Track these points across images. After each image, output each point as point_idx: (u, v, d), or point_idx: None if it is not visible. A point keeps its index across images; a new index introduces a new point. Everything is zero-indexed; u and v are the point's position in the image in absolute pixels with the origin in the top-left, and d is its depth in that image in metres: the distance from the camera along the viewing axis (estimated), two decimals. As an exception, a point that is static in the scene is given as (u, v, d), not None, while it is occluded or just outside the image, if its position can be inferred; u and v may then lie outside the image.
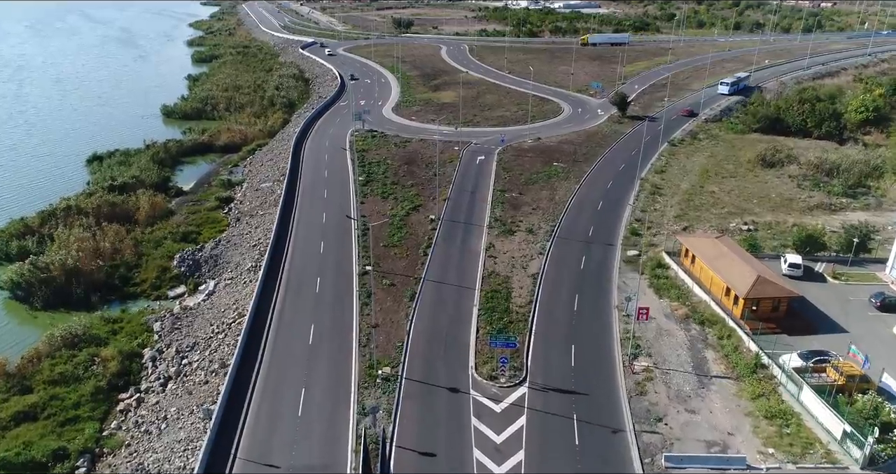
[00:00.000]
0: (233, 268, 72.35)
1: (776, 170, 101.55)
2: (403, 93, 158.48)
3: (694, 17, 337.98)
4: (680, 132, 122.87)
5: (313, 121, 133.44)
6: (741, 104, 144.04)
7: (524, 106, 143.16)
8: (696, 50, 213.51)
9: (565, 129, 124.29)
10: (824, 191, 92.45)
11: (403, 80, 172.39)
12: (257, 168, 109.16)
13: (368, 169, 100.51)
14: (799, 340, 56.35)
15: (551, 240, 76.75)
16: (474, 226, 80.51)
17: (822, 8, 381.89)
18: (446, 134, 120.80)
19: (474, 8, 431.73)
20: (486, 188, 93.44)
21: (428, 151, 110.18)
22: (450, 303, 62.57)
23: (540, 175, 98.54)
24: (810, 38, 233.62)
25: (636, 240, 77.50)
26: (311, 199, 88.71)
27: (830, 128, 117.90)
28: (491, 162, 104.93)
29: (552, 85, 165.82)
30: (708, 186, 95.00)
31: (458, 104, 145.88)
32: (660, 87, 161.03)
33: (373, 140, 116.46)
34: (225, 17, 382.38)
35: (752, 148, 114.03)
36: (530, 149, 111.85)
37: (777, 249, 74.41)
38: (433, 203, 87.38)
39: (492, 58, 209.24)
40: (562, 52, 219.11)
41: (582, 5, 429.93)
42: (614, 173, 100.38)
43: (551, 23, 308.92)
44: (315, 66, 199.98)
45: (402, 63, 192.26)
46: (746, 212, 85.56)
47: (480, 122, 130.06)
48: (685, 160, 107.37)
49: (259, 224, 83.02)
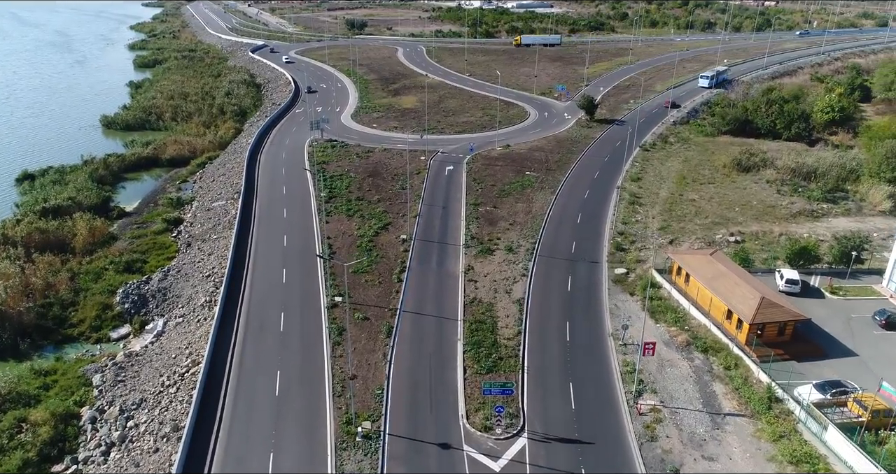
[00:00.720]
0: (184, 304, 64.72)
1: (753, 175, 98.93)
2: (362, 98, 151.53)
3: (647, 17, 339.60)
4: (650, 136, 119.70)
5: (268, 130, 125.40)
6: (706, 105, 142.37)
7: (489, 111, 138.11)
8: (654, 50, 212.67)
9: (534, 135, 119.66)
10: (804, 196, 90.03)
11: (361, 84, 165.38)
12: (208, 184, 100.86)
13: (330, 183, 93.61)
14: (809, 367, 52.45)
15: (533, 259, 71.58)
16: (450, 245, 74.72)
17: (766, 6, 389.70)
18: (411, 142, 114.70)
19: (427, 8, 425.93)
20: (458, 202, 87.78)
21: (393, 162, 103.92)
22: (431, 338, 56.63)
23: (513, 185, 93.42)
24: (767, 37, 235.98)
25: (622, 256, 73.01)
26: (270, 220, 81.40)
27: (800, 130, 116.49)
28: (461, 172, 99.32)
29: (515, 87, 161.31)
30: (687, 194, 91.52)
31: (420, 109, 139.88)
32: (624, 89, 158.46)
33: (333, 150, 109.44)
34: (168, 18, 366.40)
35: (724, 151, 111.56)
36: (500, 157, 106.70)
37: (768, 262, 71.02)
38: (403, 220, 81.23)
39: (450, 60, 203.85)
40: (521, 53, 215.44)
41: (535, 5, 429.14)
42: (590, 181, 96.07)
43: (507, 23, 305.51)
44: (266, 70, 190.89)
45: (358, 66, 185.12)
46: (730, 221, 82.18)
47: (445, 129, 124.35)
48: (660, 166, 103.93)
49: (212, 250, 75.34)
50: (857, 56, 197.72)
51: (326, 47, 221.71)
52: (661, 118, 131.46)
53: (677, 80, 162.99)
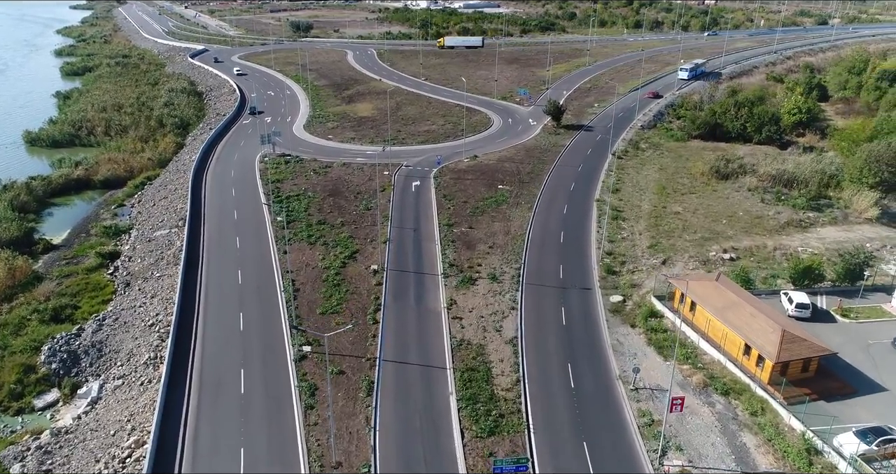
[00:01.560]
0: (124, 361, 55.40)
1: (732, 183, 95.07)
2: (314, 106, 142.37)
3: (595, 16, 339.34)
4: (621, 142, 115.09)
5: (213, 144, 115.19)
6: (671, 107, 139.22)
7: (451, 118, 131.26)
8: (610, 51, 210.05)
9: (501, 145, 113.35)
10: (788, 204, 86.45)
11: (311, 91, 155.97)
12: (148, 209, 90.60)
13: (287, 205, 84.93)
14: (841, 408, 47.48)
15: (520, 288, 65.00)
16: (427, 275, 67.41)
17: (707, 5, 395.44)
18: (370, 155, 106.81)
19: (374, 9, 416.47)
20: (429, 222, 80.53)
21: (354, 178, 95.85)
22: (419, 393, 49.29)
23: (487, 202, 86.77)
24: (721, 36, 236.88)
25: (614, 280, 67.22)
26: (221, 252, 72.33)
27: (771, 133, 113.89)
28: (429, 188, 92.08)
29: (475, 92, 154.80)
30: (670, 206, 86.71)
31: (377, 118, 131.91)
32: (585, 91, 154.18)
33: (287, 167, 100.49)
34: (99, 22, 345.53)
35: (698, 157, 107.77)
36: (469, 169, 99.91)
37: (768, 282, 66.44)
38: (372, 246, 73.48)
39: (404, 63, 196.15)
40: (475, 55, 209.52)
41: (483, 5, 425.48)
42: (567, 195, 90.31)
43: (456, 24, 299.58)
44: (208, 77, 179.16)
45: (307, 71, 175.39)
46: (720, 235, 77.57)
47: (407, 140, 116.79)
48: (636, 175, 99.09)
49: (156, 291, 65.90)
50: (807, 55, 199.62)
51: (272, 51, 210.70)
52: (629, 122, 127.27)
53: (636, 83, 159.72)
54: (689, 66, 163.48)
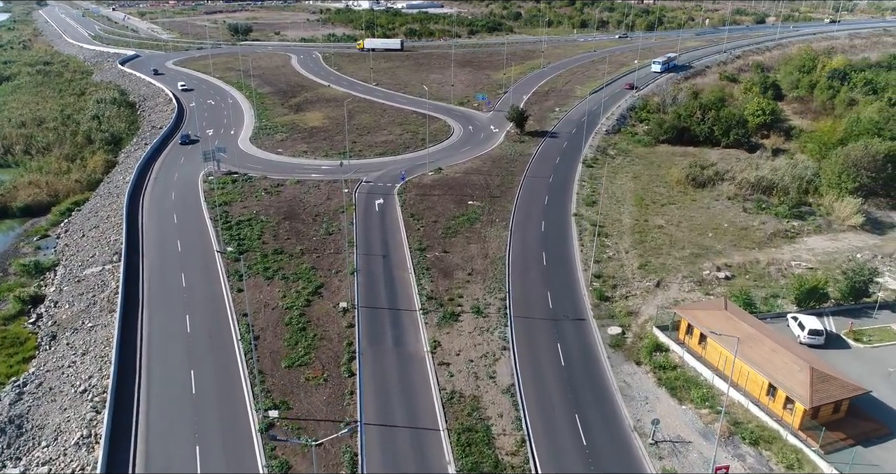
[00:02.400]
0: (50, 440, 46.08)
1: (710, 191, 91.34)
2: (259, 116, 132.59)
3: (541, 16, 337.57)
4: (588, 149, 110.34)
5: (150, 162, 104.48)
6: (632, 109, 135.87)
7: (408, 126, 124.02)
8: (562, 52, 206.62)
9: (465, 155, 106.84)
10: (771, 213, 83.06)
11: (256, 99, 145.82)
12: (77, 241, 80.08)
13: (238, 232, 76.13)
14: (880, 454, 42.92)
15: (509, 322, 58.62)
16: (403, 311, 60.21)
17: (646, 4, 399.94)
18: (326, 170, 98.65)
19: (314, 10, 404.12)
20: (399, 247, 73.29)
21: (310, 197, 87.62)
22: (411, 466, 42.10)
23: (459, 221, 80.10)
24: (667, 36, 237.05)
25: (608, 308, 61.66)
26: (165, 293, 63.22)
27: (738, 136, 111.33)
28: (393, 206, 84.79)
29: (430, 97, 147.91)
30: (652, 218, 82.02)
31: (329, 128, 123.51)
32: (544, 95, 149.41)
33: (235, 186, 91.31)
34: (17, 25, 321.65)
35: (669, 163, 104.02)
36: (435, 184, 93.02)
37: (769, 302, 62.16)
38: (338, 279, 65.74)
39: (351, 67, 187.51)
40: (425, 58, 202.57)
41: (426, 5, 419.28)
42: (542, 210, 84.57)
43: (402, 25, 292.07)
44: (141, 85, 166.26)
45: (249, 77, 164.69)
46: (709, 251, 73.15)
47: (364, 152, 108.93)
48: (610, 185, 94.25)
49: (89, 346, 56.43)
50: (755, 53, 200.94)
51: (210, 56, 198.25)
52: (593, 127, 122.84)
53: (595, 85, 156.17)
54: (662, 60, 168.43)
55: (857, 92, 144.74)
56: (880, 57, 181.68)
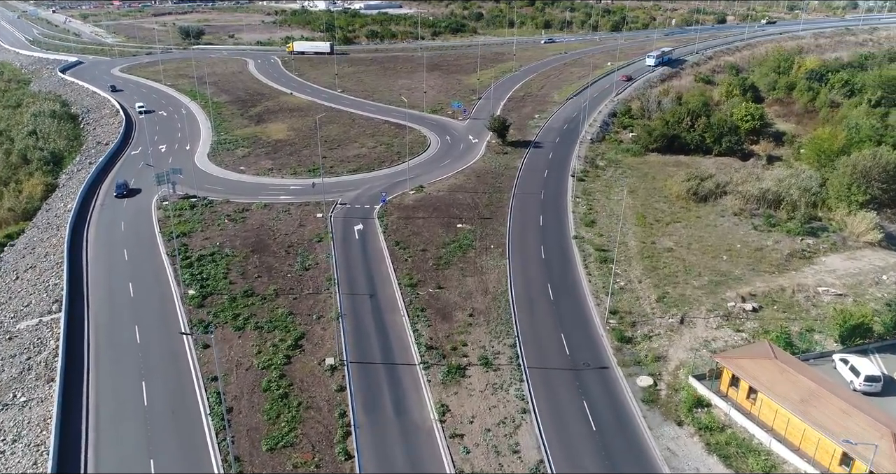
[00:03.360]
0: None
1: (713, 206, 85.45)
2: (217, 128, 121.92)
3: (503, 17, 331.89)
4: (576, 160, 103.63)
5: (96, 185, 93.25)
6: (614, 115, 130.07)
7: (381, 138, 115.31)
8: (532, 54, 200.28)
9: (446, 169, 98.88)
10: (782, 230, 77.44)
11: (212, 109, 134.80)
12: (9, 285, 69.01)
13: (199, 270, 66.52)
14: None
15: (524, 375, 50.95)
16: (401, 367, 51.93)
17: (606, 4, 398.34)
18: (296, 190, 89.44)
19: (268, 11, 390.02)
20: (387, 283, 64.89)
21: (280, 224, 78.41)
22: None
23: (450, 249, 72.08)
24: (635, 37, 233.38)
25: (632, 351, 54.56)
26: (116, 353, 53.43)
27: (731, 144, 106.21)
28: (375, 232, 76.29)
29: (400, 104, 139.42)
30: (659, 240, 75.46)
31: (295, 141, 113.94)
32: (520, 101, 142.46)
33: (194, 213, 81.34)
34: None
35: (663, 174, 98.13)
36: (417, 204, 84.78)
37: (804, 338, 56.02)
38: (321, 327, 57.03)
39: (313, 72, 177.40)
40: (391, 61, 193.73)
41: (384, 5, 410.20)
42: (538, 232, 77.24)
43: (362, 26, 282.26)
44: (84, 95, 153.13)
45: (204, 85, 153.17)
46: (728, 277, 66.81)
47: (336, 168, 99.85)
48: (606, 201, 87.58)
49: (21, 429, 46.31)
50: (726, 54, 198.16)
51: (160, 62, 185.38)
52: (577, 135, 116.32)
53: (570, 91, 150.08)
54: (656, 54, 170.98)
55: (835, 93, 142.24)
56: (851, 57, 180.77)
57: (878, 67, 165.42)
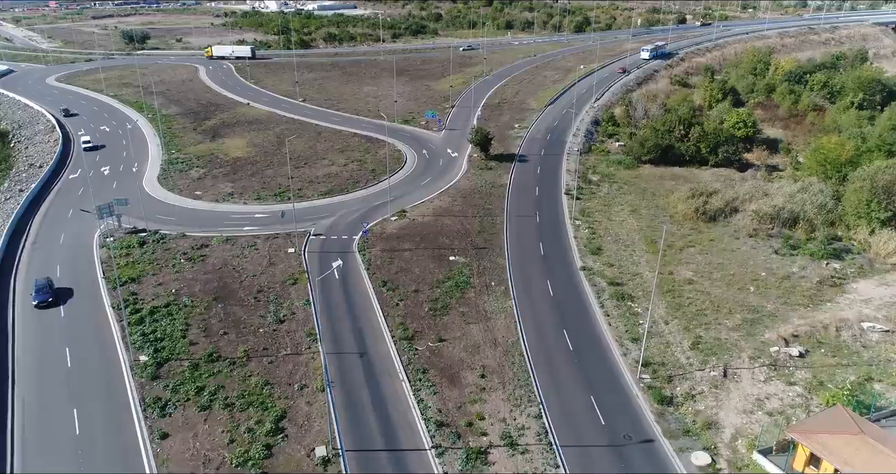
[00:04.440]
0: None
1: (724, 225, 78.62)
2: (168, 145, 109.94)
3: (462, 18, 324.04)
4: (566, 175, 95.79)
5: (26, 218, 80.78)
6: (597, 123, 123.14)
7: (352, 153, 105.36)
8: (501, 57, 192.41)
9: (428, 189, 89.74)
10: (805, 253, 70.93)
11: (162, 123, 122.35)
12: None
13: (152, 327, 55.82)
14: None
15: (558, 457, 42.29)
16: (409, 454, 42.61)
17: (566, 3, 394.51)
18: (261, 220, 79.03)
19: (218, 13, 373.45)
20: (378, 336, 55.46)
21: (246, 262, 68.06)
22: None
23: (445, 288, 63.06)
24: (603, 38, 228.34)
25: (677, 417, 46.52)
26: (49, 451, 42.56)
27: (728, 154, 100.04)
28: (357, 270, 66.70)
29: (367, 114, 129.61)
30: (677, 270, 67.85)
31: (256, 158, 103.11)
32: (496, 108, 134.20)
33: (144, 251, 70.21)
34: None
35: (662, 188, 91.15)
36: (402, 233, 75.44)
37: (865, 388, 48.99)
38: (305, 401, 47.27)
39: (271, 79, 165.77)
40: (353, 66, 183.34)
41: (338, 6, 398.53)
42: (542, 264, 68.88)
43: (318, 28, 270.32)
44: (15, 108, 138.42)
45: (151, 95, 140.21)
46: (762, 314, 59.56)
47: (305, 190, 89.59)
48: (608, 222, 79.77)
49: None
50: (697, 55, 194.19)
51: (101, 69, 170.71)
52: (562, 146, 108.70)
53: (549, 96, 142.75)
54: (650, 48, 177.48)
55: (815, 95, 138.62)
56: (823, 57, 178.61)
57: (851, 67, 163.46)
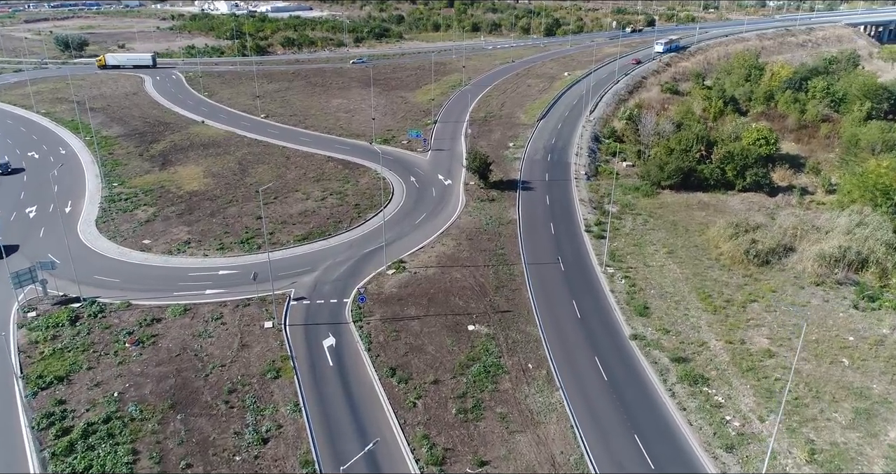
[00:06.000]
0: None
1: (780, 270, 67.10)
2: (108, 177, 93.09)
3: (425, 20, 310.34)
4: (580, 206, 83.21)
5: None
6: (597, 140, 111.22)
7: (328, 183, 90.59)
8: (477, 64, 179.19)
9: (424, 230, 75.78)
10: (888, 306, 59.86)
11: (101, 148, 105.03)
12: None
13: (85, 459, 40.54)
14: None
15: None
16: None
17: (524, 3, 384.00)
18: (227, 279, 63.94)
19: (164, 15, 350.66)
20: (397, 462, 41.44)
21: (211, 345, 53.13)
22: None
23: (471, 374, 49.64)
24: (581, 41, 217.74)
25: None
26: None
27: (758, 177, 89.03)
28: (354, 350, 52.61)
29: (340, 132, 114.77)
30: (745, 334, 55.70)
31: (215, 191, 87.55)
32: (484, 124, 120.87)
33: (76, 332, 54.43)
34: None
35: (690, 219, 79.68)
36: (403, 292, 61.42)
37: None
38: None
39: (227, 91, 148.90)
40: (318, 75, 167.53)
41: (293, 8, 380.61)
42: (581, 331, 55.95)
43: (274, 32, 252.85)
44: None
45: (88, 113, 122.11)
46: (873, 401, 47.61)
47: (277, 233, 74.55)
48: (646, 270, 67.18)
49: None
50: (682, 59, 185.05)
51: (29, 82, 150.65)
52: (567, 170, 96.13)
53: (537, 111, 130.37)
54: (665, 41, 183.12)
55: (818, 103, 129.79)
56: (816, 61, 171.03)
57: (845, 72, 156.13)
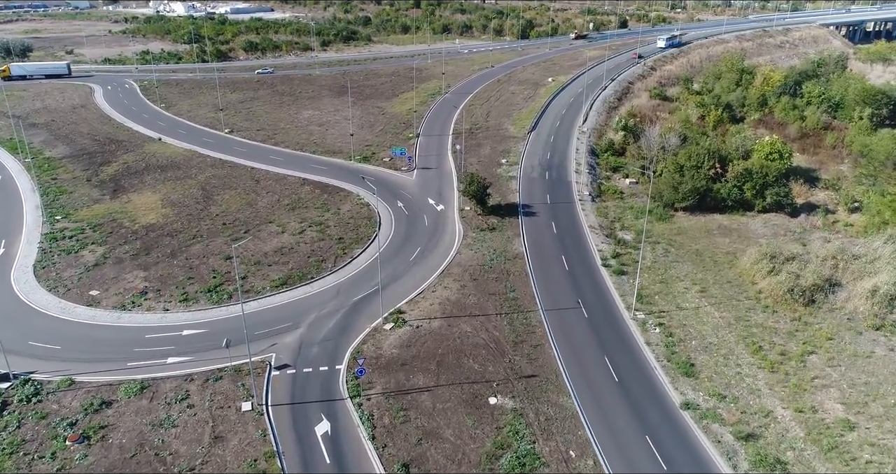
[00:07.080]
0: None
1: (829, 310, 59.48)
2: (51, 208, 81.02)
3: (393, 22, 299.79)
4: (590, 234, 74.60)
5: None
6: (594, 154, 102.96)
7: (305, 212, 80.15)
8: (455, 69, 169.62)
9: (422, 269, 66.09)
10: (958, 355, 52.68)
11: (43, 172, 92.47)
12: None
13: None
14: None
15: None
16: None
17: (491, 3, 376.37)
18: (191, 341, 53.28)
19: (116, 18, 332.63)
20: None
21: (176, 439, 42.72)
22: None
23: (502, 467, 40.12)
24: (557, 43, 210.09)
25: None
26: None
27: (779, 197, 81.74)
28: (354, 437, 42.71)
29: (314, 149, 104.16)
30: (813, 398, 47.60)
31: (174, 224, 76.25)
32: (472, 137, 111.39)
33: (2, 424, 43.29)
34: None
35: (712, 246, 71.97)
36: (406, 354, 51.70)
37: None
38: None
39: (186, 102, 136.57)
40: (285, 84, 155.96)
41: (252, 9, 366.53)
42: (622, 402, 47.17)
43: (236, 35, 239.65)
44: None
45: (29, 130, 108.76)
46: (982, 486, 40.18)
47: (250, 278, 63.92)
48: (680, 315, 58.69)
49: None
50: (665, 62, 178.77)
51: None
52: (567, 188, 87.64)
53: (527, 122, 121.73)
54: (667, 37, 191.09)
55: (817, 110, 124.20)
56: (803, 64, 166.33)
57: (834, 75, 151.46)
